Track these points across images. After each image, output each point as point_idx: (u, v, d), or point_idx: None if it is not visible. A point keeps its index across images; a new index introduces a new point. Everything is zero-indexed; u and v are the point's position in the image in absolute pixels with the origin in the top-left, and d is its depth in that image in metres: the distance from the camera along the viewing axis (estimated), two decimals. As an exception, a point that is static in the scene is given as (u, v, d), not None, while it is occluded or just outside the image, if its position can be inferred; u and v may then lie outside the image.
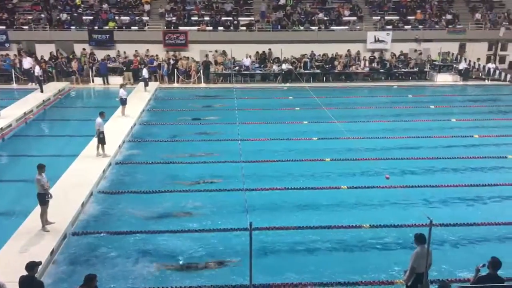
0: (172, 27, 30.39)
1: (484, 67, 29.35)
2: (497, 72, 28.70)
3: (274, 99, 24.88)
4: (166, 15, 31.13)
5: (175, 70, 27.88)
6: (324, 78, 29.17)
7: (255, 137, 18.03)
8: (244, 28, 30.67)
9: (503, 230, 11.41)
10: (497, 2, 34.04)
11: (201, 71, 28.06)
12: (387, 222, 11.62)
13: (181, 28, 30.31)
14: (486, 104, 24.05)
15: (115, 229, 11.41)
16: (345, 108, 22.59)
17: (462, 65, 29.21)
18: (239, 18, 31.17)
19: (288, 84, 27.90)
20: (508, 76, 28.10)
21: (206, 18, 31.30)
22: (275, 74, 28.88)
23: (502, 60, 32.35)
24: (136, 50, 28.95)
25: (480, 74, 29.45)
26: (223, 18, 31.10)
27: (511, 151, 16.63)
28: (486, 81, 28.97)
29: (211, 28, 30.52)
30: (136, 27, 30.52)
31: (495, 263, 7.26)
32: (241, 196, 11.95)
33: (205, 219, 11.93)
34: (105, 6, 31.84)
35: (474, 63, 29.84)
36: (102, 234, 11.10)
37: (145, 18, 31.34)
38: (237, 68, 28.91)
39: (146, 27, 30.79)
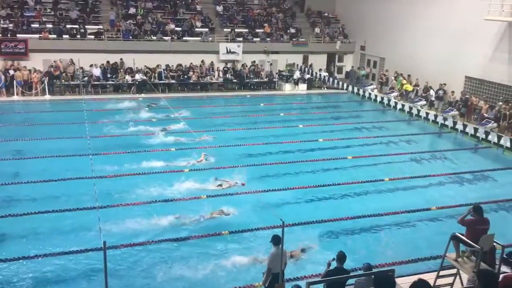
0: (9, 35, 27.52)
1: (321, 75, 32.17)
2: (335, 81, 31.66)
3: (128, 110, 24.03)
4: (2, 22, 28.09)
5: (14, 81, 25.29)
6: (179, 88, 29.13)
7: (107, 151, 17.16)
8: (93, 36, 29.14)
9: (350, 224, 12.53)
10: (333, 18, 37.63)
11: (45, 82, 25.90)
12: (245, 227, 11.97)
13: (19, 35, 27.61)
14: (328, 111, 26.31)
15: None
16: (202, 117, 22.79)
17: (306, 75, 31.70)
18: (87, 26, 29.52)
19: (143, 95, 27.21)
20: (345, 84, 31.17)
21: (49, 26, 29.01)
22: (129, 84, 27.96)
23: (340, 70, 35.82)
24: (-36, 60, 25.62)
25: (322, 84, 32.14)
26: (68, 26, 29.16)
27: (351, 153, 18.42)
28: (325, 89, 31.67)
29: (55, 36, 28.37)
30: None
31: (340, 257, 7.89)
32: (94, 215, 11.25)
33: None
34: None
35: (316, 73, 32.57)
36: None
37: (-25, 23, 27.89)
38: (86, 78, 27.31)
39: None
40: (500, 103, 22.20)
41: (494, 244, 8.73)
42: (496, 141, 20.12)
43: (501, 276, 6.37)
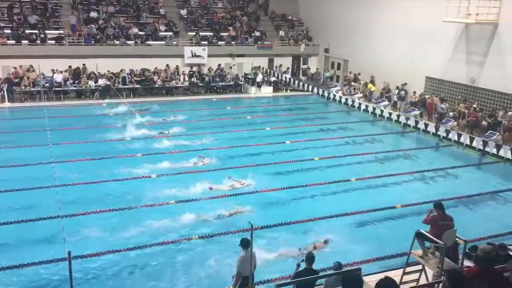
0: (-36, 41, 26.56)
1: (286, 78, 32.43)
2: (301, 83, 31.97)
3: (92, 116, 23.54)
4: (-45, 27, 27.10)
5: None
6: (144, 93, 28.76)
7: (71, 158, 16.75)
8: (53, 41, 28.43)
9: (317, 225, 12.65)
10: (297, 21, 38.02)
11: (4, 89, 25.07)
12: (215, 231, 11.92)
13: (-25, 41, 26.69)
14: (294, 113, 26.52)
15: None
16: (168, 123, 22.57)
17: (271, 78, 31.90)
18: (47, 31, 28.77)
19: (107, 100, 26.73)
20: (310, 87, 31.51)
21: (7, 31, 28.14)
22: (92, 90, 27.41)
23: (305, 72, 36.19)
24: None
25: (287, 86, 32.34)
26: (28, 31, 28.34)
27: (317, 154, 18.62)
28: (289, 91, 31.88)
29: (13, 41, 27.53)
30: None
31: (309, 258, 7.97)
32: (57, 224, 10.96)
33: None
34: None
35: (282, 75, 32.81)
36: None
37: None
38: (47, 84, 26.60)
39: None
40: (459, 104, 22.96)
41: (457, 239, 9.01)
42: (457, 139, 20.76)
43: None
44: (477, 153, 19.75)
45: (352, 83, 30.20)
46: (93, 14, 31.16)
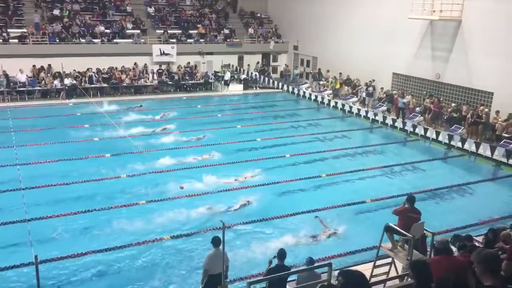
0: None
1: (256, 75, 32.46)
2: (271, 81, 32.05)
3: (58, 116, 22.97)
4: None
5: None
6: (112, 92, 28.27)
7: (37, 160, 16.31)
8: (16, 40, 27.60)
9: (287, 221, 12.71)
10: (266, 18, 38.09)
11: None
12: (188, 231, 11.83)
13: None
14: (265, 110, 26.57)
15: None
16: (138, 122, 22.25)
17: (241, 76, 31.86)
18: (9, 30, 27.91)
19: (73, 100, 26.14)
20: (280, 84, 31.63)
21: (-33, 30, 27.20)
22: (57, 89, 26.75)
23: (275, 70, 36.30)
24: None
25: (258, 84, 32.34)
26: (-12, 30, 27.45)
27: (288, 151, 18.71)
28: (258, 89, 31.90)
29: (-27, 41, 26.65)
30: None
31: (281, 254, 8.00)
32: (23, 228, 10.66)
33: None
34: None
35: (252, 73, 32.82)
36: None
37: None
38: (11, 84, 25.80)
39: None
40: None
41: (425, 232, 9.22)
42: (423, 134, 21.24)
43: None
44: (443, 147, 20.25)
45: (320, 82, 30.42)
46: (57, 12, 30.40)
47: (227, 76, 31.06)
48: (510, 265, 5.90)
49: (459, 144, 19.58)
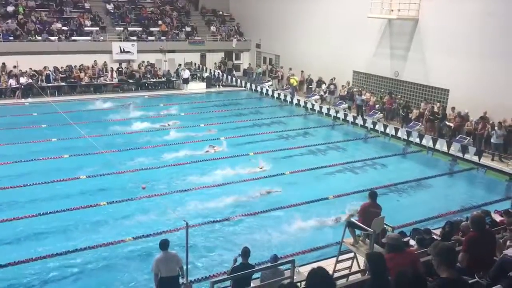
0: None
1: (218, 73, 32.37)
2: (234, 79, 32.02)
3: (14, 117, 22.16)
4: None
5: None
6: (71, 91, 27.51)
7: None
8: (-33, 38, 26.50)
9: (251, 218, 12.73)
10: (228, 16, 37.98)
11: None
12: (149, 231, 11.66)
13: None
14: (228, 108, 26.50)
15: None
16: (97, 121, 21.76)
17: (204, 74, 31.68)
18: (-41, 27, 26.77)
19: (30, 100, 25.28)
20: (243, 82, 31.64)
21: None
22: (13, 89, 25.80)
23: (238, 68, 36.27)
24: None
25: (221, 82, 32.21)
26: None
27: (252, 149, 18.71)
28: (221, 87, 31.80)
29: None
30: None
31: (245, 253, 8.00)
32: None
33: None
34: None
35: (214, 71, 32.68)
36: None
37: None
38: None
39: None
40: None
41: (385, 226, 9.43)
42: (383, 130, 21.73)
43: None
44: (402, 143, 20.78)
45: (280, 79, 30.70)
46: (11, 9, 29.31)
47: (187, 74, 30.65)
48: (465, 256, 6.12)
49: (417, 140, 20.14)
